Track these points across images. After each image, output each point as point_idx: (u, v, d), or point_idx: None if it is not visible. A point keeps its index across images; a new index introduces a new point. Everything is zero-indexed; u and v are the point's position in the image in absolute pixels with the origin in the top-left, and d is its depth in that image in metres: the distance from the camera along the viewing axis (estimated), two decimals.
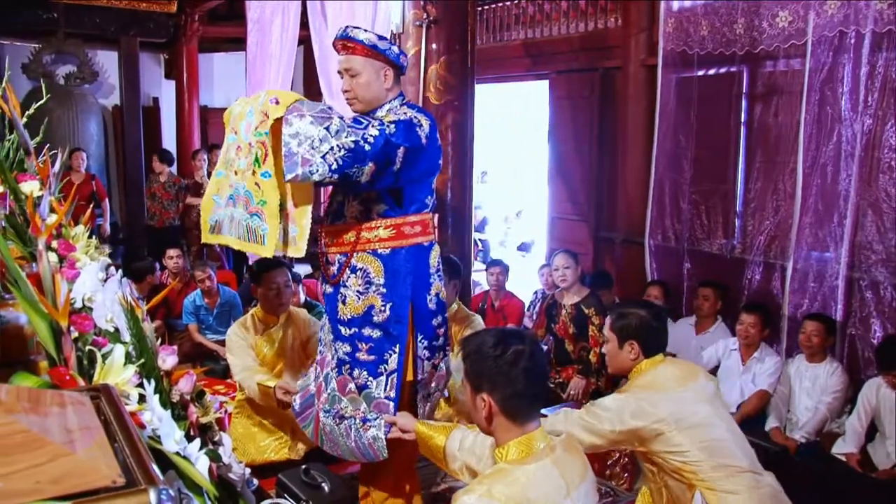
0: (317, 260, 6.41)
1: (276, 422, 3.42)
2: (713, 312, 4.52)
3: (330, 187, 2.55)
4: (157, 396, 1.50)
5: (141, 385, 1.54)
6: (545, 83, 6.45)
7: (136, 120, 8.73)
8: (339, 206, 2.45)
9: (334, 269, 2.44)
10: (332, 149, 2.12)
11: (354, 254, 2.40)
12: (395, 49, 2.43)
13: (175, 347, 1.82)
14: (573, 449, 1.77)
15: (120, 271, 1.96)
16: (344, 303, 2.42)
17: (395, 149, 2.22)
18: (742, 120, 4.76)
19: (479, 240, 9.00)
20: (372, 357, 2.38)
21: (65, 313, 1.47)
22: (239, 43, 7.31)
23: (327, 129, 2.13)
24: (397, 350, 2.37)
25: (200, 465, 1.46)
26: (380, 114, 2.41)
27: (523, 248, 9.93)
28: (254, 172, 2.29)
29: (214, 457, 1.69)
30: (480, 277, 6.05)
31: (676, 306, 5.00)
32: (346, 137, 2.14)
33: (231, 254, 7.86)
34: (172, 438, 1.43)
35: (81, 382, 1.44)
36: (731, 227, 4.85)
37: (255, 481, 2.39)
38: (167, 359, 1.75)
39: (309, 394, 2.59)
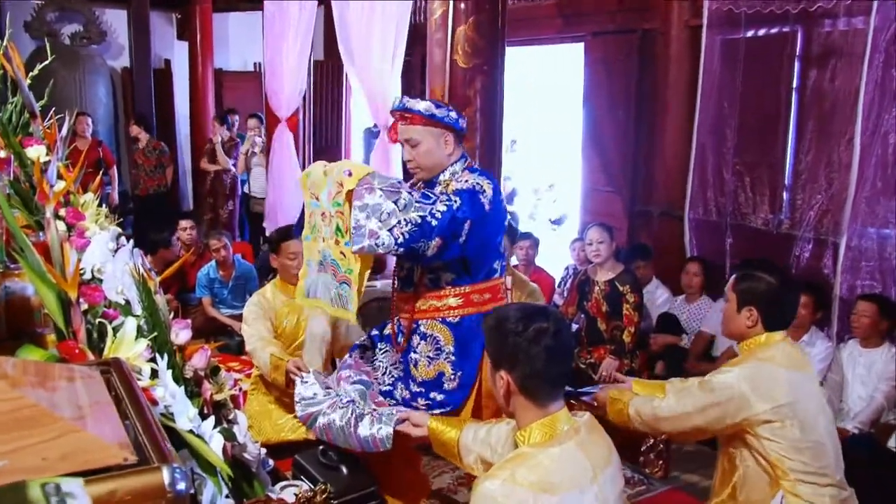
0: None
1: (293, 399, 3.45)
2: None
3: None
4: (169, 372, 1.51)
5: (153, 360, 1.55)
6: (580, 46, 6.34)
7: (147, 83, 8.78)
8: (408, 272, 2.60)
9: (405, 332, 2.59)
10: (399, 223, 2.29)
11: (423, 320, 2.55)
12: (454, 114, 2.56)
13: (189, 321, 1.83)
14: (597, 431, 1.78)
15: (131, 241, 1.97)
16: (416, 366, 2.58)
17: (461, 223, 2.37)
18: (794, 85, 4.65)
19: (509, 212, 8.97)
20: (426, 405, 2.54)
21: (74, 284, 1.47)
22: (256, 2, 7.29)
23: (396, 203, 2.31)
24: (448, 410, 2.52)
25: (214, 444, 1.47)
26: (442, 178, 2.57)
27: (556, 222, 9.90)
28: (337, 242, 2.47)
29: (229, 436, 1.70)
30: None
31: (716, 284, 4.91)
32: (413, 212, 2.31)
33: (247, 223, 7.93)
34: (186, 416, 1.44)
35: (91, 356, 1.45)
36: (779, 200, 4.75)
37: (271, 462, 2.42)
38: (180, 333, 1.76)
39: (317, 405, 2.66)
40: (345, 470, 2.63)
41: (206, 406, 1.74)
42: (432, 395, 2.54)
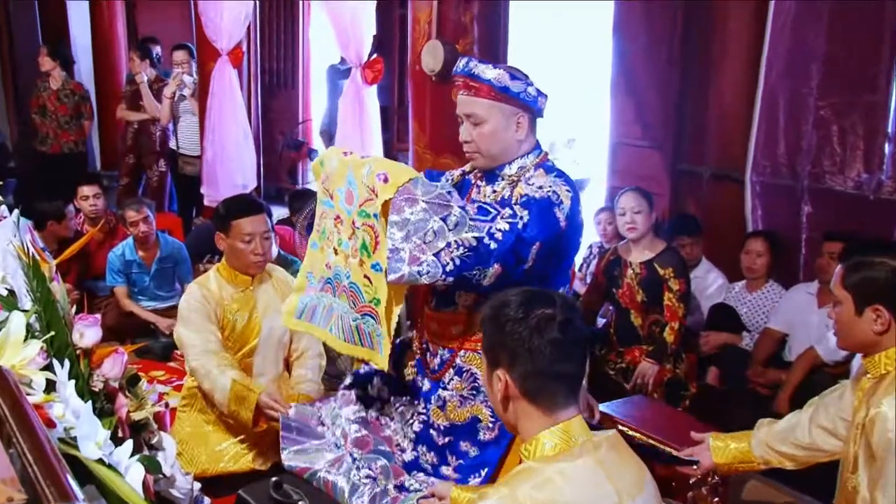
0: (295, 201, 6.43)
1: (237, 420, 3.44)
2: None
3: None
4: (72, 383, 1.50)
5: (49, 367, 1.53)
6: None
7: (30, 4, 8.61)
8: (449, 288, 2.61)
9: (437, 361, 2.65)
10: (448, 245, 2.33)
11: (461, 351, 2.61)
12: (532, 90, 2.59)
13: (97, 317, 1.82)
14: (624, 450, 1.80)
15: (16, 212, 1.94)
16: (442, 408, 2.64)
17: (528, 245, 2.41)
18: None
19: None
20: (457, 475, 2.60)
21: None
22: None
23: (445, 220, 2.34)
24: (484, 473, 2.58)
25: (132, 478, 1.47)
26: (507, 171, 2.65)
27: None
28: (361, 263, 2.52)
29: (151, 466, 1.69)
30: None
31: (790, 267, 4.94)
32: (466, 232, 2.35)
33: (174, 189, 7.90)
34: (94, 441, 1.44)
35: None
36: (878, 155, 4.66)
37: (207, 500, 2.41)
38: (86, 332, 1.75)
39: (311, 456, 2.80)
40: None
41: (120, 428, 1.74)
42: (463, 446, 2.61)
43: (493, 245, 2.37)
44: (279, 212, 6.31)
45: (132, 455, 1.53)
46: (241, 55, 6.86)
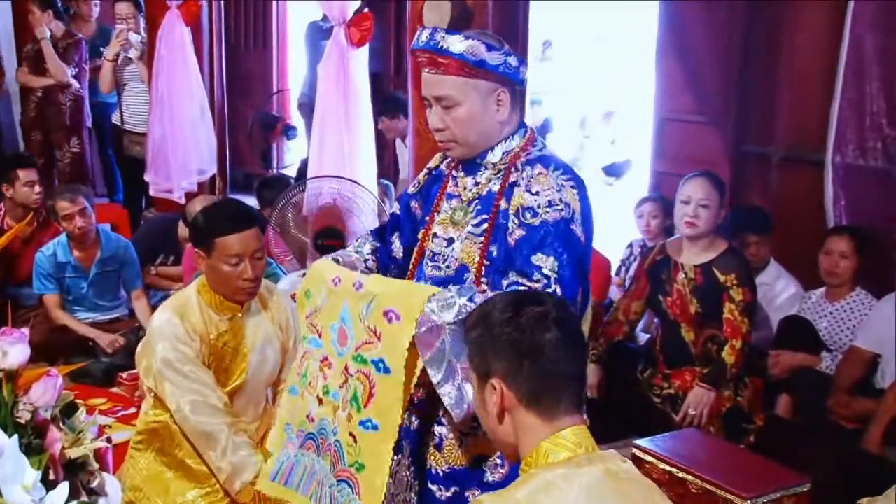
0: (266, 191, 6.41)
1: (205, 462, 3.42)
2: None
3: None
4: None
5: None
6: None
7: None
8: None
9: (422, 392, 2.66)
10: None
11: None
12: (513, 59, 2.61)
13: (24, 332, 1.81)
14: (637, 480, 1.85)
15: None
16: (439, 447, 2.68)
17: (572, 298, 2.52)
18: None
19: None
20: None
21: None
22: None
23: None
24: None
25: None
26: (490, 159, 2.69)
27: (612, 170, 9.89)
28: (350, 417, 2.54)
29: None
30: None
31: (883, 271, 4.93)
32: None
33: (118, 175, 7.90)
34: (20, 484, 1.43)
35: None
36: None
37: None
38: (10, 350, 1.75)
39: None
40: None
41: (53, 468, 1.74)
42: (468, 494, 2.64)
43: None
44: (251, 202, 6.28)
45: (68, 502, 1.52)
46: (195, 8, 6.85)
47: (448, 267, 2.78)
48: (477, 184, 2.74)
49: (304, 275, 4.29)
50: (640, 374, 4.65)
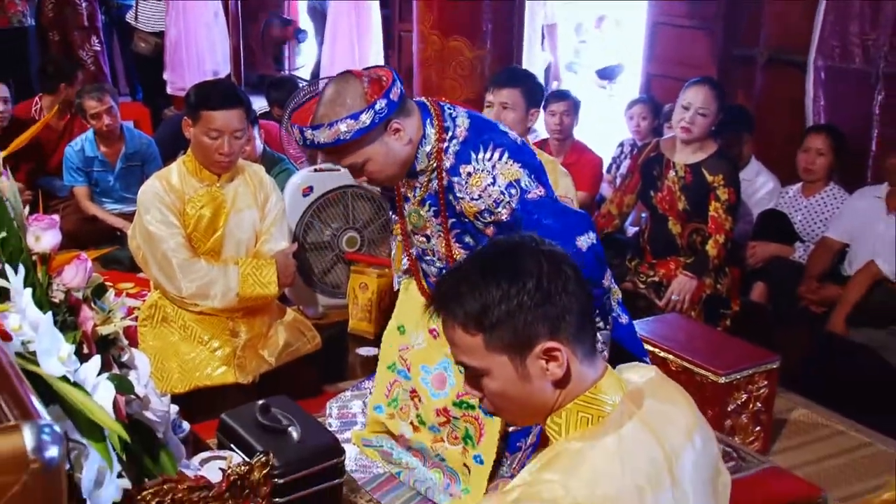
0: (275, 91, 6.35)
1: (207, 325, 3.55)
2: None
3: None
4: (28, 291, 1.50)
5: (2, 275, 1.53)
6: None
7: None
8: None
9: None
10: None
11: None
12: (382, 103, 2.54)
13: (56, 218, 1.81)
14: (665, 393, 1.71)
15: None
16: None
17: (591, 249, 2.58)
18: None
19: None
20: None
21: None
22: None
23: None
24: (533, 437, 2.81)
25: (101, 397, 1.48)
26: (419, 167, 2.70)
27: (605, 74, 9.79)
28: (464, 451, 2.84)
29: (122, 386, 1.70)
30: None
31: (856, 168, 4.92)
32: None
33: (138, 75, 7.82)
34: (56, 356, 1.44)
35: None
36: None
37: (186, 425, 2.45)
38: (43, 235, 1.75)
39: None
40: (295, 434, 2.66)
41: (86, 343, 1.74)
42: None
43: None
44: (261, 104, 6.25)
45: (100, 373, 1.53)
46: None
47: (440, 259, 2.86)
48: (420, 185, 2.75)
49: (315, 170, 4.34)
50: (627, 262, 4.68)
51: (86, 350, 1.73)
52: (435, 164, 2.68)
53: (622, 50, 9.64)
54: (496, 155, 2.60)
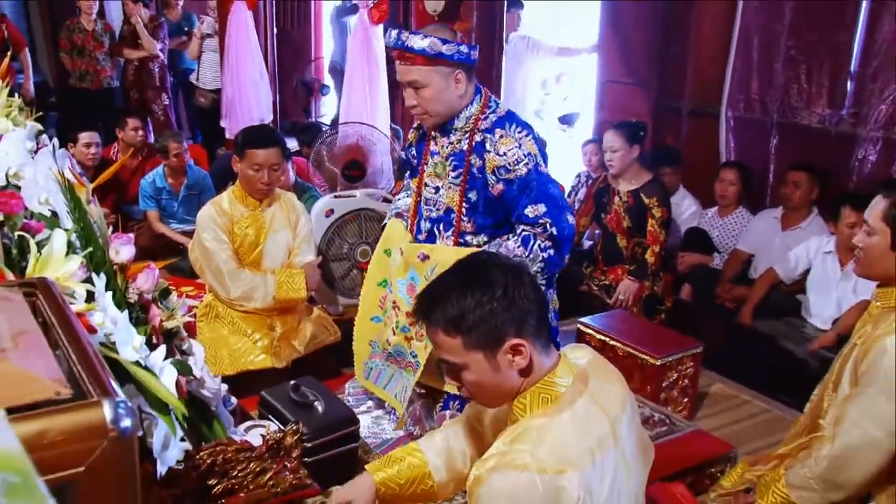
0: (302, 134, 6.29)
1: (251, 321, 3.54)
2: (806, 203, 4.44)
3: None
4: (109, 294, 1.50)
5: (89, 280, 1.53)
6: None
7: None
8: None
9: None
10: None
11: None
12: (464, 48, 2.60)
13: (131, 236, 1.81)
14: (606, 369, 1.72)
15: (55, 141, 1.93)
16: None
17: (570, 223, 2.68)
18: None
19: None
20: None
21: None
22: None
23: None
24: None
25: (166, 378, 1.48)
26: (457, 125, 2.71)
27: (565, 120, 9.80)
28: (426, 346, 2.74)
29: (183, 369, 1.70)
30: None
31: (759, 194, 4.95)
32: (532, 265, 2.64)
33: (198, 123, 7.83)
34: (130, 345, 1.43)
35: (11, 276, 1.43)
36: (841, 92, 4.62)
37: (234, 400, 2.45)
38: (122, 249, 1.74)
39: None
40: (320, 408, 2.66)
41: (154, 335, 1.74)
42: None
43: (551, 252, 2.67)
44: (293, 144, 6.26)
45: (165, 359, 1.53)
46: None
47: (438, 209, 2.83)
48: (450, 143, 2.75)
49: (335, 196, 4.33)
50: (584, 269, 4.69)
51: (154, 341, 1.72)
52: (470, 127, 2.69)
53: (578, 101, 9.63)
54: (523, 133, 2.66)
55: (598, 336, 3.47)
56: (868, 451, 2.10)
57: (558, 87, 6.79)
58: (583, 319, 3.58)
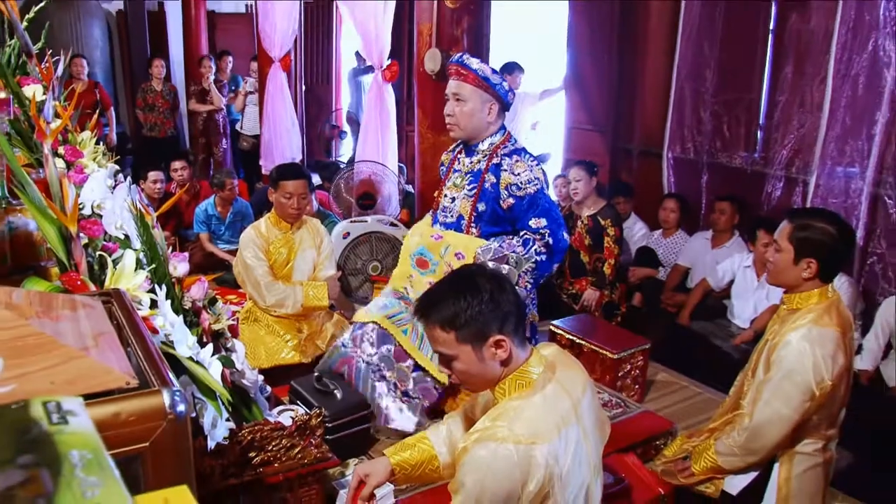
0: (323, 171, 6.26)
1: (283, 324, 3.52)
2: (729, 227, 4.49)
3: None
4: (168, 302, 1.51)
5: (152, 291, 1.55)
6: None
7: (141, 26, 8.53)
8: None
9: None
10: (519, 276, 2.61)
11: None
12: (506, 85, 2.62)
13: (186, 254, 1.82)
14: (568, 359, 1.71)
15: (128, 178, 1.95)
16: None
17: (564, 237, 2.68)
18: (771, 27, 4.56)
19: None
20: None
21: (73, 218, 1.46)
22: None
23: (507, 263, 2.60)
24: None
25: (214, 371, 1.48)
26: (481, 147, 2.71)
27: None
28: None
29: (227, 363, 1.71)
30: None
31: (693, 219, 4.97)
32: (526, 263, 2.62)
33: (240, 162, 7.86)
34: (185, 344, 1.44)
35: (93, 287, 1.44)
36: (753, 139, 4.72)
37: (269, 388, 2.46)
38: (179, 265, 1.76)
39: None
40: (339, 395, 2.67)
41: (204, 335, 1.76)
42: None
43: (544, 257, 2.63)
44: (317, 179, 6.30)
45: (213, 354, 1.54)
46: (289, 62, 6.75)
47: (451, 216, 2.80)
48: (472, 162, 2.75)
49: (351, 222, 4.34)
50: (555, 280, 4.70)
51: (204, 340, 1.73)
52: (490, 151, 2.69)
53: (550, 143, 9.67)
54: (534, 162, 2.69)
55: (567, 336, 3.45)
56: (777, 424, 2.16)
57: (534, 132, 6.82)
58: (554, 322, 3.58)
